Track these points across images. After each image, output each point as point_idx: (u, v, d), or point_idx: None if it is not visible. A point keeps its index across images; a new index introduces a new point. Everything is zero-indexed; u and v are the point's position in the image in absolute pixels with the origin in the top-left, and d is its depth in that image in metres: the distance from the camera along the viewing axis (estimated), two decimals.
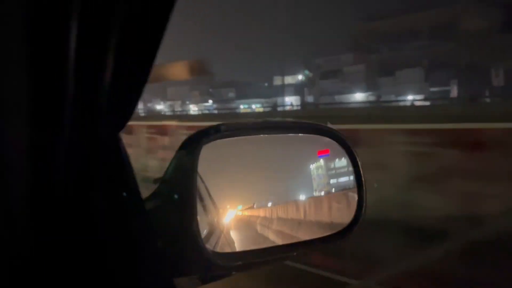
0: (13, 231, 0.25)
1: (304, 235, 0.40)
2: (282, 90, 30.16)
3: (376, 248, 1.96)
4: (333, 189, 0.42)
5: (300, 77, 29.55)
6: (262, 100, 30.92)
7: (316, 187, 0.41)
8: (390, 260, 1.92)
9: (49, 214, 0.27)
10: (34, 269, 0.26)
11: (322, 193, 0.42)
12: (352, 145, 0.42)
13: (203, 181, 0.36)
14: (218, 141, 0.36)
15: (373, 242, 1.71)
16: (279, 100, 28.94)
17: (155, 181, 0.38)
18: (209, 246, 0.35)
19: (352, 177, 0.42)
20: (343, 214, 0.43)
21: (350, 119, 3.33)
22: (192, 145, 0.36)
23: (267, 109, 21.74)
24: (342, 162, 0.42)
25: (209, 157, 0.35)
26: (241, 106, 29.31)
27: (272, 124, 0.43)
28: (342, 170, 0.43)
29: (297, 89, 30.11)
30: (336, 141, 0.42)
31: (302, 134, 0.43)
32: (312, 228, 0.41)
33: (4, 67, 0.23)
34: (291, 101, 28.70)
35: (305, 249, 0.42)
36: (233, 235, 0.38)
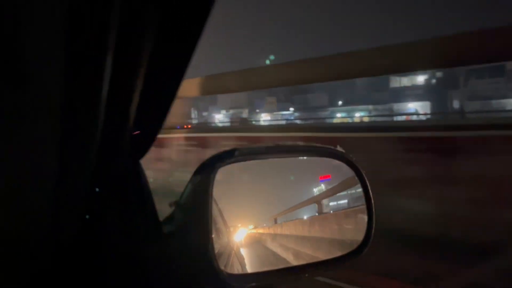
0: (34, 244, 0.32)
1: (309, 251, 0.58)
2: (400, 93, 27.88)
3: None
4: (331, 210, 0.60)
5: (422, 77, 26.66)
6: (369, 106, 29.42)
7: (318, 208, 0.59)
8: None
9: (69, 234, 0.35)
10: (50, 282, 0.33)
11: (323, 213, 0.59)
12: (361, 167, 0.60)
13: (215, 201, 0.49)
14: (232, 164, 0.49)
15: None
16: (393, 106, 26.77)
17: (171, 204, 0.50)
18: (220, 265, 0.46)
19: (347, 200, 0.60)
20: (346, 232, 0.60)
21: None
22: (207, 170, 0.48)
23: (378, 118, 20.35)
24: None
25: (222, 178, 0.48)
26: (338, 115, 28.76)
27: (284, 148, 0.60)
28: (342, 194, 0.60)
29: (427, 92, 27.17)
30: (346, 164, 0.60)
31: (312, 157, 0.61)
32: (317, 244, 0.58)
33: (39, 101, 0.29)
34: (415, 107, 26.08)
35: (315, 270, 0.58)
36: (244, 252, 0.52)
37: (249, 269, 0.53)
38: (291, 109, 33.51)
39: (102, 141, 0.35)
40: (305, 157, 0.62)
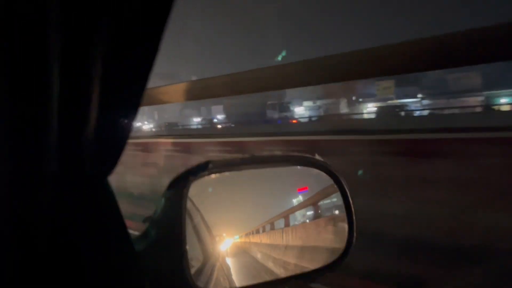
0: None
1: (293, 259, 0.79)
2: None
3: None
4: (308, 219, 0.80)
5: None
6: None
7: (297, 217, 0.79)
8: None
9: (36, 259, 0.43)
10: None
11: (301, 221, 0.79)
12: (340, 175, 0.79)
13: (199, 211, 0.63)
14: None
15: None
16: None
17: (145, 220, 0.61)
18: (204, 277, 0.58)
19: (320, 211, 0.80)
20: (327, 239, 0.81)
21: None
22: (180, 184, 0.59)
23: None
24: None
25: (203, 188, 0.61)
26: (502, 101, 25.67)
27: (260, 159, 0.77)
28: (321, 202, 0.81)
29: None
30: (325, 172, 0.80)
31: (290, 167, 0.78)
32: (299, 252, 0.79)
33: None
34: None
35: (301, 280, 0.75)
36: (230, 262, 0.68)
37: (235, 280, 0.69)
38: (419, 95, 31.18)
39: (61, 160, 0.43)
40: (283, 167, 0.82)
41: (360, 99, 33.84)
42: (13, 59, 0.38)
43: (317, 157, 0.82)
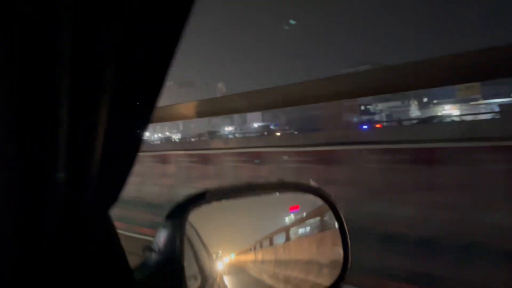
0: None
1: (286, 272, 0.90)
2: None
3: None
4: (298, 237, 0.92)
5: None
6: None
7: (287, 235, 0.91)
8: None
9: (36, 263, 0.47)
10: None
11: (293, 238, 0.91)
12: (335, 200, 0.88)
13: (197, 235, 0.73)
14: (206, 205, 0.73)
15: None
16: None
17: (144, 249, 0.68)
18: None
19: (308, 228, 0.92)
20: (319, 254, 0.93)
21: None
22: (179, 214, 0.68)
23: None
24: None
25: (201, 216, 0.71)
26: None
27: (256, 186, 0.88)
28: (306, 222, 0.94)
29: None
30: (320, 198, 0.90)
31: (285, 193, 0.91)
32: (293, 266, 0.90)
33: None
34: None
35: None
36: (227, 280, 0.78)
37: None
38: None
39: (64, 193, 0.47)
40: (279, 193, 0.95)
41: (435, 101, 32.87)
42: (21, 72, 0.41)
43: (312, 183, 0.92)
